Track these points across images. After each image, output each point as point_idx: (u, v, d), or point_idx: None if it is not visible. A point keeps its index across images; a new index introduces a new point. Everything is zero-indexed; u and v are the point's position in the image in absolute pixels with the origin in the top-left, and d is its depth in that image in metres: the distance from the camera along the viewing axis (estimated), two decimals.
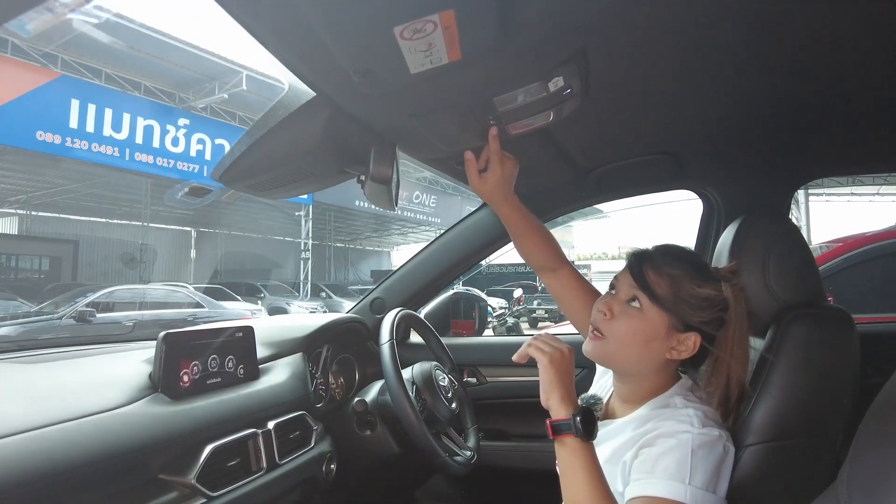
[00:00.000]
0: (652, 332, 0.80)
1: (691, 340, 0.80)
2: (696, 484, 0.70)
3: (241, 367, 1.09)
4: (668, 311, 0.79)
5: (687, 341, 0.80)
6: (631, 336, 0.80)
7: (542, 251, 1.05)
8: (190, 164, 10.10)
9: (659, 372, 0.83)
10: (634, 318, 0.80)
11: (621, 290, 0.84)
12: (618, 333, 0.81)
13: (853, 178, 12.98)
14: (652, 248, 0.86)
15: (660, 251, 0.85)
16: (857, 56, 0.82)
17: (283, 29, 0.64)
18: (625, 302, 0.82)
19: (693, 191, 1.49)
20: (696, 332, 0.80)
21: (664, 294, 0.80)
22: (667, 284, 0.80)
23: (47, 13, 5.77)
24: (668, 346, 0.80)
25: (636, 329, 0.80)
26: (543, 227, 1.06)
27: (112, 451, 0.77)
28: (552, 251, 1.05)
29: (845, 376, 0.84)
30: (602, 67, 0.81)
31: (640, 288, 0.81)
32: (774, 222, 0.97)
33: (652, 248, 0.86)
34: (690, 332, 0.80)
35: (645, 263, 0.82)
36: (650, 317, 0.80)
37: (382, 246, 23.61)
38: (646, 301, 0.80)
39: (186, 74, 10.25)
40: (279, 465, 1.03)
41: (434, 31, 0.61)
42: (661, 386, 0.83)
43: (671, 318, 0.79)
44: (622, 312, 0.81)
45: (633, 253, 0.86)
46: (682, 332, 0.80)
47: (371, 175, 0.89)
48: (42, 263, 11.37)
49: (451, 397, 1.31)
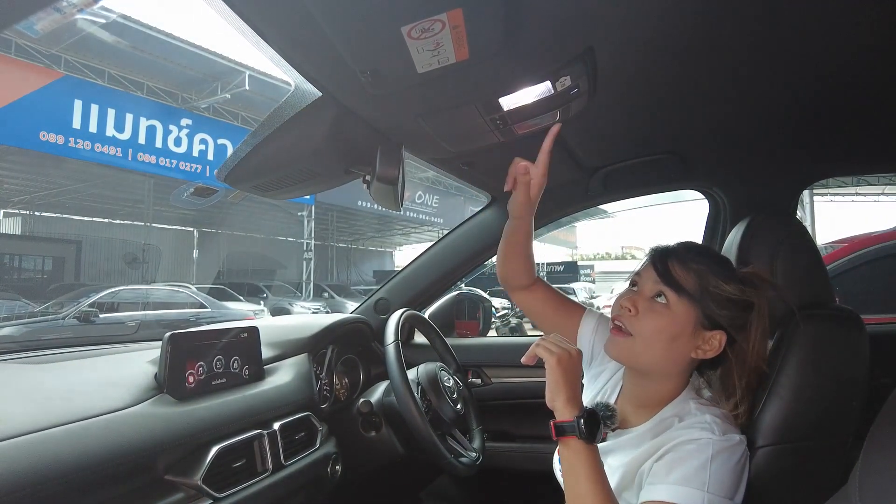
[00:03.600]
0: (679, 328, 0.78)
1: (717, 339, 0.79)
2: (714, 491, 0.69)
3: (247, 368, 1.09)
4: (696, 305, 0.78)
5: (712, 340, 0.79)
6: (658, 333, 0.78)
7: (525, 269, 1.05)
8: (193, 164, 10.11)
9: (681, 373, 0.82)
10: (661, 315, 0.79)
11: (645, 286, 0.82)
12: (644, 330, 0.79)
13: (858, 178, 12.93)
14: (675, 245, 0.85)
15: (683, 247, 0.84)
16: (863, 55, 0.82)
17: (290, 28, 0.64)
18: (649, 298, 0.81)
19: (699, 191, 1.48)
20: (721, 331, 0.78)
21: (691, 288, 0.78)
22: (693, 279, 0.78)
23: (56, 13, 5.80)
24: (693, 344, 0.79)
25: (663, 326, 0.78)
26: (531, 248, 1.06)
27: (118, 451, 0.77)
28: (532, 269, 1.05)
29: (855, 378, 0.83)
30: (609, 67, 0.81)
31: (666, 283, 0.79)
32: (782, 222, 0.97)
33: (675, 245, 0.85)
34: (716, 331, 0.78)
35: (670, 259, 0.81)
36: (677, 313, 0.78)
37: (385, 246, 23.60)
38: (672, 296, 0.78)
39: (189, 74, 10.27)
40: (285, 466, 1.03)
41: (442, 30, 0.61)
42: (676, 389, 0.82)
43: (698, 313, 0.78)
44: (648, 309, 0.80)
45: (657, 249, 0.84)
46: (707, 330, 0.79)
47: (377, 175, 0.89)
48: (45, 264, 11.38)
49: (456, 398, 1.30)
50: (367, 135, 0.91)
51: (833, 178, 10.70)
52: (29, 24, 5.22)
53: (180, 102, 10.71)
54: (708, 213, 1.50)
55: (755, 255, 0.92)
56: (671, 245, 0.85)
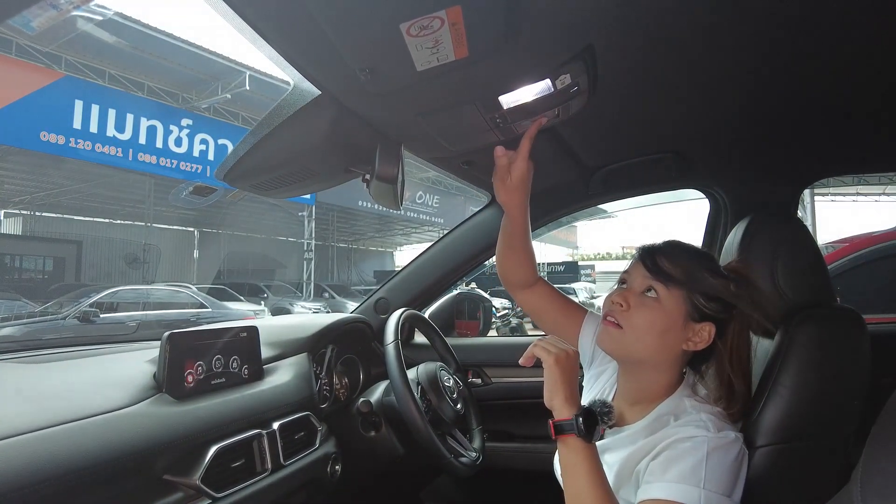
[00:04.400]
0: (669, 321, 0.80)
1: (706, 331, 0.80)
2: (711, 488, 0.69)
3: (246, 368, 1.09)
4: (685, 298, 0.80)
5: (702, 332, 0.80)
6: (649, 325, 0.80)
7: (526, 267, 1.05)
8: (193, 164, 10.12)
9: (672, 366, 0.83)
10: (652, 308, 0.81)
11: (635, 282, 0.84)
12: (636, 324, 0.81)
13: (859, 178, 12.93)
14: (662, 243, 0.87)
15: (669, 244, 0.86)
16: (864, 55, 0.81)
17: (288, 27, 0.64)
18: (640, 293, 0.82)
19: (700, 190, 1.48)
20: (710, 323, 0.80)
21: (680, 282, 0.80)
22: (681, 273, 0.81)
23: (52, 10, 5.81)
24: (684, 336, 0.81)
25: (654, 318, 0.80)
26: (531, 246, 1.06)
27: (117, 451, 0.77)
28: (533, 267, 1.05)
29: (857, 377, 0.83)
30: (610, 65, 0.81)
31: (655, 277, 0.81)
32: (783, 222, 0.97)
33: (662, 243, 0.87)
34: (705, 323, 0.80)
35: (658, 255, 0.83)
36: (667, 306, 0.80)
37: (385, 246, 23.61)
38: (662, 290, 0.81)
39: (189, 74, 10.28)
40: (284, 466, 1.02)
41: (441, 27, 0.60)
42: (669, 384, 0.83)
43: (687, 306, 0.80)
44: (639, 303, 0.82)
45: (644, 247, 0.86)
46: (697, 322, 0.80)
47: (377, 174, 0.89)
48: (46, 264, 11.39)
49: (456, 398, 1.30)
50: (367, 133, 0.90)
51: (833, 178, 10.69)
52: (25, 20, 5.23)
53: (181, 102, 10.72)
54: (708, 212, 1.49)
55: (756, 254, 0.92)
56: (658, 243, 0.87)
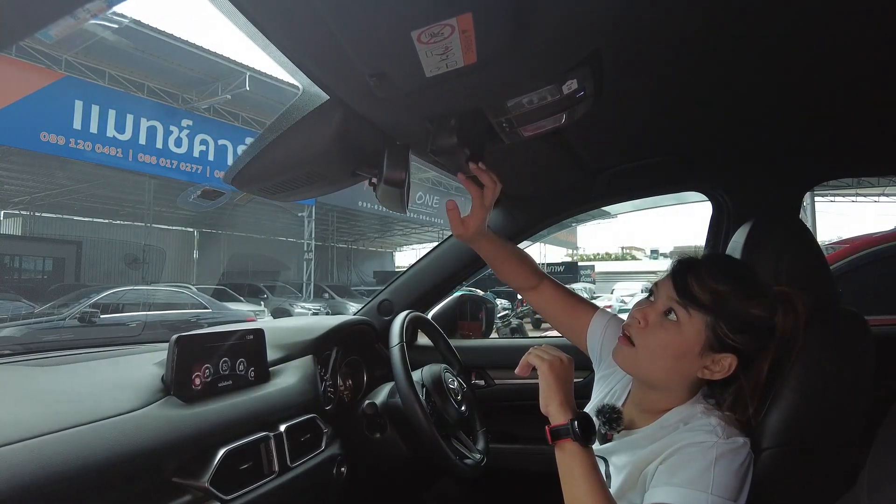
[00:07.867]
0: (685, 347, 0.76)
1: (727, 362, 0.76)
2: (718, 493, 0.68)
3: (252, 370, 1.09)
4: (709, 324, 0.75)
5: (722, 362, 0.76)
6: (662, 349, 0.78)
7: (522, 272, 1.06)
8: (193, 164, 10.11)
9: (685, 390, 0.81)
10: (669, 332, 0.77)
11: (660, 299, 0.80)
12: (649, 345, 0.79)
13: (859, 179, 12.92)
14: (700, 258, 0.82)
15: (707, 261, 0.81)
16: (867, 58, 0.82)
17: (299, 32, 0.64)
18: (661, 312, 0.79)
19: (703, 192, 1.48)
20: (732, 354, 0.76)
21: (706, 310, 0.75)
22: (710, 300, 0.75)
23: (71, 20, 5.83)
24: (700, 364, 0.77)
25: (669, 343, 0.77)
26: (518, 249, 1.08)
27: (127, 454, 0.77)
28: (530, 269, 1.06)
29: (860, 379, 0.83)
30: (615, 69, 0.81)
31: (679, 301, 0.77)
32: (786, 224, 0.97)
33: (700, 258, 0.82)
34: (727, 354, 0.76)
35: (690, 274, 0.78)
36: (686, 332, 0.76)
37: (385, 247, 23.61)
38: (683, 314, 0.76)
39: (190, 75, 10.28)
40: (291, 468, 1.03)
41: (451, 34, 0.61)
42: (681, 401, 0.82)
43: (709, 334, 0.75)
44: (657, 324, 0.79)
45: (680, 261, 0.81)
46: (717, 353, 0.76)
47: (385, 178, 0.89)
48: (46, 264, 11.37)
49: (460, 400, 1.30)
50: (374, 137, 0.91)
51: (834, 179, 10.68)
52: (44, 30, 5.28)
53: (181, 103, 10.72)
54: (711, 214, 1.50)
55: (759, 257, 0.92)
56: (695, 258, 0.82)
